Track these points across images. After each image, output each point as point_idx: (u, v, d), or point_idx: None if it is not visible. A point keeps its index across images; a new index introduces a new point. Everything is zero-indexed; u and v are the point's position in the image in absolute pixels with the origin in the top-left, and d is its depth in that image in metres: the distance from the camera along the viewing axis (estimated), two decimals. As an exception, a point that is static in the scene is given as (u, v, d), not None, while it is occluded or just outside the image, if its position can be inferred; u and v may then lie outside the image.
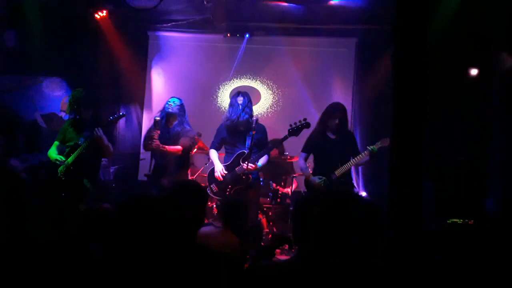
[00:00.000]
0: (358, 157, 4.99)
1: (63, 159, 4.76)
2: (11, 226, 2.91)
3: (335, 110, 5.15)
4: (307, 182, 5.22)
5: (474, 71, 6.28)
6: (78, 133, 4.85)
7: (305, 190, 5.54)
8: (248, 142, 5.06)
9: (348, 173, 5.11)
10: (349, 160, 5.02)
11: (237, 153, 5.16)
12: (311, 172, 5.24)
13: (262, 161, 5.13)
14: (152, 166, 5.31)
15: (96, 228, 2.54)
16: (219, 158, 5.32)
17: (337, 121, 5.06)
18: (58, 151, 4.92)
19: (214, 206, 6.01)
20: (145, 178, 5.39)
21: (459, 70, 6.16)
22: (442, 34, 5.55)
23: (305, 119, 4.98)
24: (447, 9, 5.80)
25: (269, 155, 5.32)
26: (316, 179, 5.06)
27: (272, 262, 1.91)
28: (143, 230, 1.79)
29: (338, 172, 5.02)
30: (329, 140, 5.15)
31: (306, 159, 5.31)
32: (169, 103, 5.25)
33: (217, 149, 5.35)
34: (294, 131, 4.95)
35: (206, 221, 5.92)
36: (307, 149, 5.29)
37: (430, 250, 2.23)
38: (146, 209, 1.82)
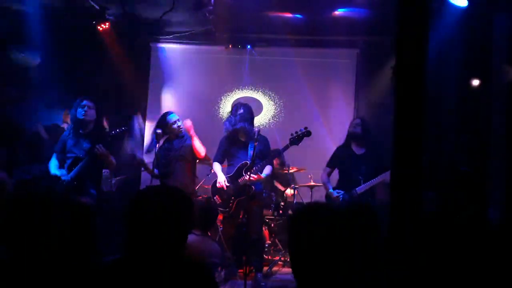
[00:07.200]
0: (381, 175, 4.86)
1: (64, 173, 4.71)
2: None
3: (353, 121, 5.30)
4: (327, 196, 5.19)
5: (475, 82, 6.29)
6: (78, 144, 4.76)
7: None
8: (250, 152, 5.02)
9: (370, 191, 4.98)
10: (374, 177, 4.92)
11: (240, 164, 5.15)
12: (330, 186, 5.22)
13: (266, 171, 5.10)
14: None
15: (76, 223, 2.51)
16: (222, 170, 5.30)
17: (356, 130, 5.12)
18: (58, 160, 4.84)
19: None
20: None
21: (460, 81, 6.18)
22: (443, 46, 5.58)
23: (306, 128, 4.97)
24: (449, 21, 5.83)
25: (272, 166, 5.29)
26: (335, 193, 5.03)
27: None
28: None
29: (359, 188, 4.96)
30: (354, 155, 5.13)
31: (329, 174, 5.29)
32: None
33: (220, 162, 5.32)
34: (295, 140, 4.94)
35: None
36: (332, 163, 5.28)
37: (432, 257, 2.22)
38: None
